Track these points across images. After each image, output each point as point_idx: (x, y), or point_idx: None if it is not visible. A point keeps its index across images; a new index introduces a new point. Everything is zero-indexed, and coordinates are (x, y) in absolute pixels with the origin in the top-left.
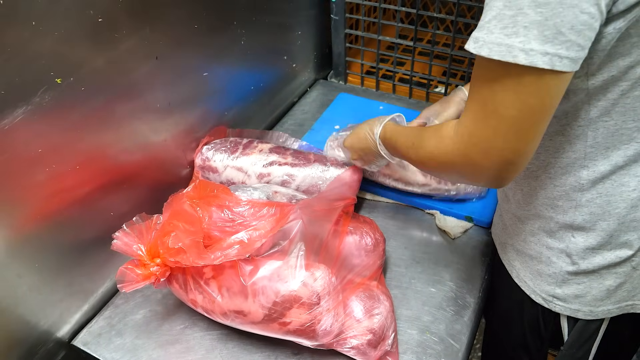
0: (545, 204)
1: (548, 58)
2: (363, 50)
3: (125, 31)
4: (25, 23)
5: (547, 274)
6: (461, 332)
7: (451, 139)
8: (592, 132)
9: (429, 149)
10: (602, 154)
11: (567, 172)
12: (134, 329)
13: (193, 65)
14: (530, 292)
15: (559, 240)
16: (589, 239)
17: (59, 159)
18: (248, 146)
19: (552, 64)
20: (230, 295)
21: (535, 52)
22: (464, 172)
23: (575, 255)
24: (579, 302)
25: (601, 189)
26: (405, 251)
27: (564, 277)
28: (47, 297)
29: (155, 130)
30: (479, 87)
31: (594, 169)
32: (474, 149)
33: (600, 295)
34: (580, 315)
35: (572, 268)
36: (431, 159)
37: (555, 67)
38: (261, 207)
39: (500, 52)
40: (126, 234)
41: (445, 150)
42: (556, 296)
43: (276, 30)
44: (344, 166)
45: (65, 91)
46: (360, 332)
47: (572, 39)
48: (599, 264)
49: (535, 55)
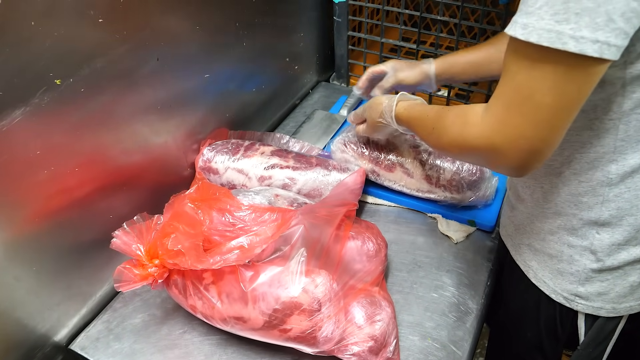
0: (568, 201)
1: (598, 46)
2: (366, 53)
3: (126, 32)
4: (24, 23)
5: (569, 272)
6: (463, 339)
7: (477, 126)
8: (624, 125)
9: (452, 136)
10: (632, 147)
11: (594, 167)
12: (132, 333)
13: (194, 67)
14: (550, 292)
15: (581, 237)
16: (615, 235)
17: (58, 161)
18: (250, 148)
19: (601, 52)
20: (230, 301)
21: (586, 39)
22: (487, 159)
23: (600, 252)
24: (602, 299)
25: (630, 183)
26: (407, 255)
27: (587, 275)
28: (45, 301)
29: (156, 132)
30: (515, 73)
31: (624, 163)
32: (501, 137)
33: (624, 291)
34: (603, 312)
35: (597, 265)
36: (454, 145)
37: (604, 56)
38: (263, 212)
39: (550, 39)
40: (126, 233)
41: (471, 136)
42: (579, 295)
43: (278, 31)
44: (346, 170)
45: (64, 92)
46: (362, 338)
47: (622, 26)
48: (625, 260)
49: (585, 43)
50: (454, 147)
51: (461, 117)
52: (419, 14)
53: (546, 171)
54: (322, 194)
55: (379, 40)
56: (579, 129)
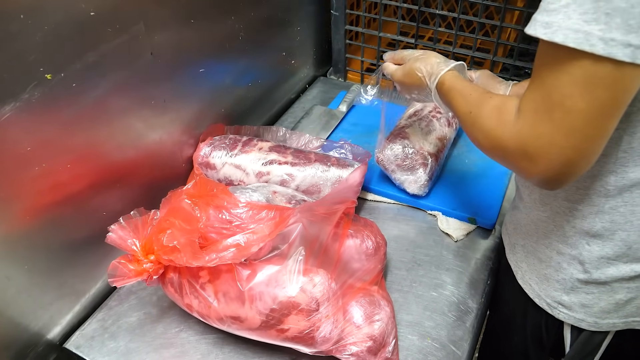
0: (564, 207)
1: (630, 50)
2: (363, 47)
3: (118, 26)
4: (13, 16)
5: (555, 279)
6: (463, 339)
7: (512, 125)
8: (629, 137)
9: (487, 127)
10: (634, 160)
11: (593, 176)
12: (127, 332)
13: (189, 61)
14: (535, 296)
15: (571, 246)
16: (605, 248)
17: (50, 157)
18: (248, 144)
19: (634, 56)
20: (226, 301)
21: (617, 42)
22: (517, 164)
23: (588, 263)
24: (584, 312)
25: (627, 197)
26: (407, 253)
27: (573, 284)
28: (38, 299)
29: (150, 128)
30: (544, 77)
31: (623, 176)
32: (532, 142)
33: (608, 307)
34: (584, 325)
35: (584, 276)
36: (486, 138)
37: (637, 61)
38: (260, 210)
39: (577, 40)
40: (122, 228)
41: (503, 135)
42: (562, 303)
43: (275, 25)
44: (346, 167)
45: (55, 87)
46: (360, 338)
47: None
48: (612, 276)
49: (615, 46)
50: (486, 140)
51: (499, 110)
52: (417, 8)
53: None
54: (320, 190)
55: (377, 35)
56: None
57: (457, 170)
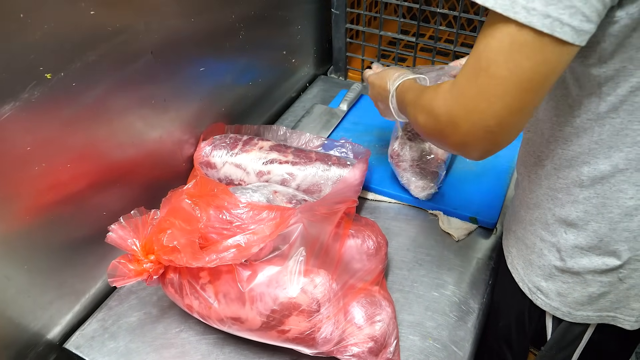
0: (547, 195)
1: (549, 21)
2: (364, 46)
3: (118, 25)
4: (12, 15)
5: (537, 265)
6: (464, 339)
7: (444, 94)
8: (599, 128)
9: (423, 102)
10: (604, 152)
11: (570, 166)
12: (128, 332)
13: (189, 60)
14: (519, 280)
15: (551, 233)
16: (579, 238)
17: (50, 157)
18: (248, 143)
19: (552, 28)
20: (227, 302)
21: (537, 12)
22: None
23: (564, 251)
24: (559, 300)
25: (599, 189)
26: (408, 253)
27: (551, 271)
28: (37, 299)
29: (150, 126)
30: (478, 42)
31: (595, 167)
32: (458, 108)
33: (582, 299)
34: (559, 314)
35: (560, 264)
36: (422, 111)
37: (555, 33)
38: (261, 210)
39: (504, 6)
40: (122, 227)
41: (435, 104)
42: (540, 289)
43: (275, 24)
44: (346, 166)
45: (55, 87)
46: (362, 339)
47: (577, 5)
48: (585, 267)
49: (536, 16)
50: (422, 114)
51: (437, 87)
52: (418, 7)
53: (534, 162)
54: (321, 190)
55: (378, 33)
56: (562, 124)
57: (459, 170)
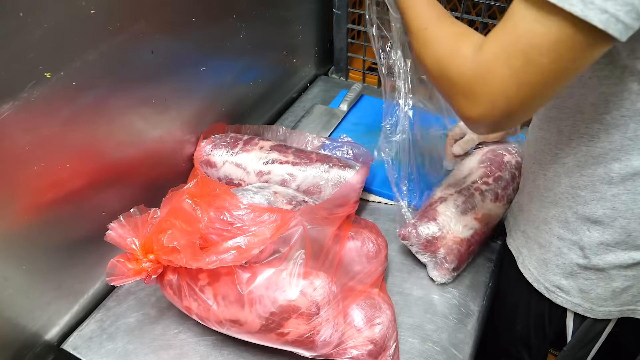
0: (567, 193)
1: (605, 17)
2: (365, 46)
3: (119, 24)
4: (12, 14)
5: (555, 263)
6: (464, 342)
7: (465, 59)
8: (635, 124)
9: (440, 53)
10: (639, 148)
11: (597, 163)
12: (126, 333)
13: (190, 60)
14: (533, 281)
15: (572, 232)
16: (605, 234)
17: (49, 156)
18: (249, 142)
19: (607, 24)
20: (226, 304)
21: (595, 6)
22: (457, 99)
23: (588, 249)
24: (582, 297)
25: (630, 186)
26: (408, 255)
27: (572, 269)
28: (35, 300)
29: (151, 126)
30: (518, 20)
31: (627, 163)
32: (482, 83)
33: (605, 295)
34: (580, 310)
35: (583, 262)
36: (435, 62)
37: (609, 30)
38: (262, 212)
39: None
40: (122, 226)
41: (454, 67)
42: (560, 287)
43: (277, 23)
44: (347, 167)
45: (55, 86)
46: (361, 342)
47: (635, 3)
48: (611, 262)
49: (593, 10)
50: (434, 65)
51: (456, 39)
52: None
53: (552, 159)
54: (321, 191)
55: None
56: (587, 121)
57: None
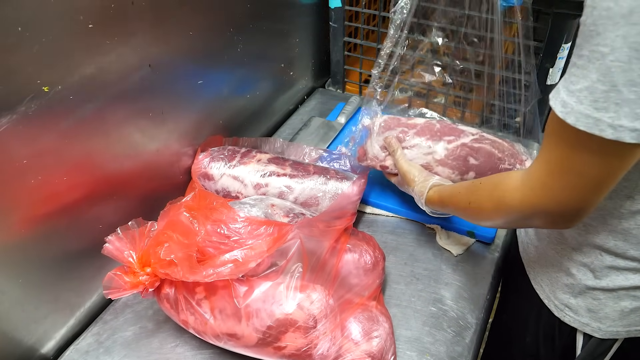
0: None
1: (636, 134)
2: (362, 59)
3: (117, 38)
4: (10, 28)
5: (565, 283)
6: (462, 355)
7: (519, 191)
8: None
9: (494, 203)
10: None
11: (610, 198)
12: (123, 347)
13: (187, 73)
14: (544, 297)
15: (584, 254)
16: (617, 260)
17: (46, 170)
18: (246, 155)
19: (639, 139)
20: (223, 318)
21: (624, 128)
22: (532, 220)
23: (599, 271)
24: (590, 316)
25: None
26: (405, 267)
27: (581, 289)
28: (31, 313)
29: (148, 139)
30: (557, 145)
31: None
32: (546, 200)
33: (613, 315)
34: (588, 330)
35: (593, 283)
36: (496, 212)
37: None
38: (259, 225)
39: (587, 124)
40: (119, 239)
41: (514, 201)
42: (569, 306)
43: (274, 36)
44: (344, 179)
45: (52, 100)
46: (359, 355)
47: None
48: (621, 285)
49: (623, 132)
50: (497, 215)
51: (499, 185)
52: (416, 20)
53: None
54: (319, 203)
55: (375, 47)
56: None
57: None
